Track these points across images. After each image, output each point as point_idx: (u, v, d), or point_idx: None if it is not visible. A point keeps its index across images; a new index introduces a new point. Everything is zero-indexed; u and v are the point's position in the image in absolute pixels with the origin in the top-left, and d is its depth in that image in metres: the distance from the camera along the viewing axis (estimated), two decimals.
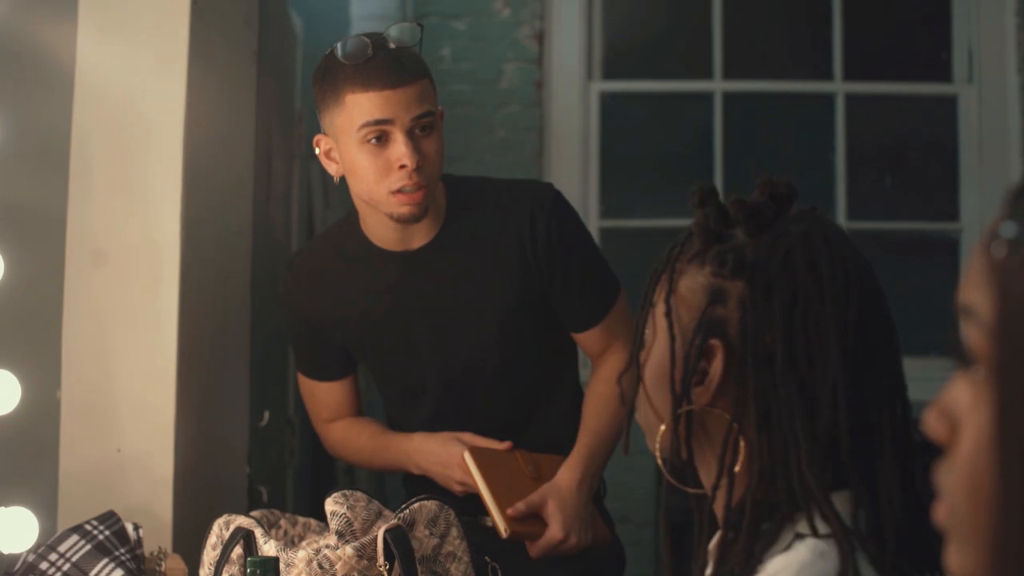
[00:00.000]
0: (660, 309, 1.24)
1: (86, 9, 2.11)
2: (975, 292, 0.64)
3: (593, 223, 4.54)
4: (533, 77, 4.58)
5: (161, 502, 2.10)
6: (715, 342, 1.20)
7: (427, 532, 1.67)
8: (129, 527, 1.91)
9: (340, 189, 3.99)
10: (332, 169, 2.20)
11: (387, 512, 1.63)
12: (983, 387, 0.64)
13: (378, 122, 2.07)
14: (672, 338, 1.22)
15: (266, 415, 2.64)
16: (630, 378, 1.29)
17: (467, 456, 2.09)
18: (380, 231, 2.21)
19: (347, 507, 1.60)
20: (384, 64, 2.10)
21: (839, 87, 4.73)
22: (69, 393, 2.10)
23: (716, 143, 4.68)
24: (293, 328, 2.37)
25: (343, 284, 2.27)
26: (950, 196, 4.67)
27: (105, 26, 2.13)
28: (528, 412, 2.31)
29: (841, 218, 4.65)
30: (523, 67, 4.55)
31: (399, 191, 2.09)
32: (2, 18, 1.87)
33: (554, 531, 2.12)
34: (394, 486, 3.82)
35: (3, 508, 1.77)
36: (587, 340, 2.33)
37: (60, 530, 1.93)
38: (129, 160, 2.12)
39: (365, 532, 1.62)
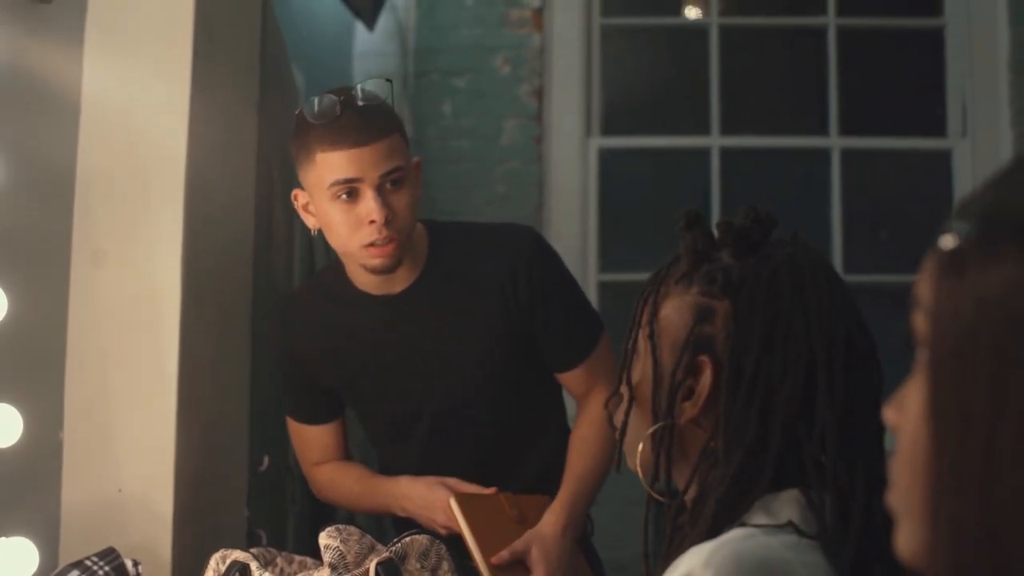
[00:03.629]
0: (644, 331, 1.29)
1: (91, 52, 2.17)
2: (923, 282, 0.69)
3: (592, 277, 4.59)
4: (533, 133, 4.65)
5: (161, 541, 2.13)
6: (703, 358, 1.24)
7: (419, 565, 1.70)
8: (129, 563, 1.94)
9: None
10: (310, 222, 2.25)
11: (380, 546, 1.66)
12: (921, 369, 0.69)
13: (347, 180, 2.12)
14: (655, 359, 1.26)
15: (266, 459, 2.67)
16: (617, 400, 1.33)
17: (453, 503, 2.12)
18: (362, 277, 2.27)
19: (340, 540, 1.63)
20: (352, 122, 2.14)
21: (835, 142, 4.80)
22: (71, 433, 2.13)
23: (713, 197, 4.74)
24: (283, 371, 2.41)
25: (331, 327, 2.32)
26: None
27: (110, 67, 2.18)
28: (515, 451, 2.35)
29: (838, 270, 4.70)
30: (523, 123, 4.62)
31: (371, 244, 2.14)
32: (9, 56, 1.92)
33: None
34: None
35: (4, 538, 1.80)
36: (571, 380, 2.37)
37: (61, 565, 1.96)
38: (132, 203, 2.16)
39: (358, 565, 1.65)
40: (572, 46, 4.74)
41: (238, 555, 1.73)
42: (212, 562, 1.80)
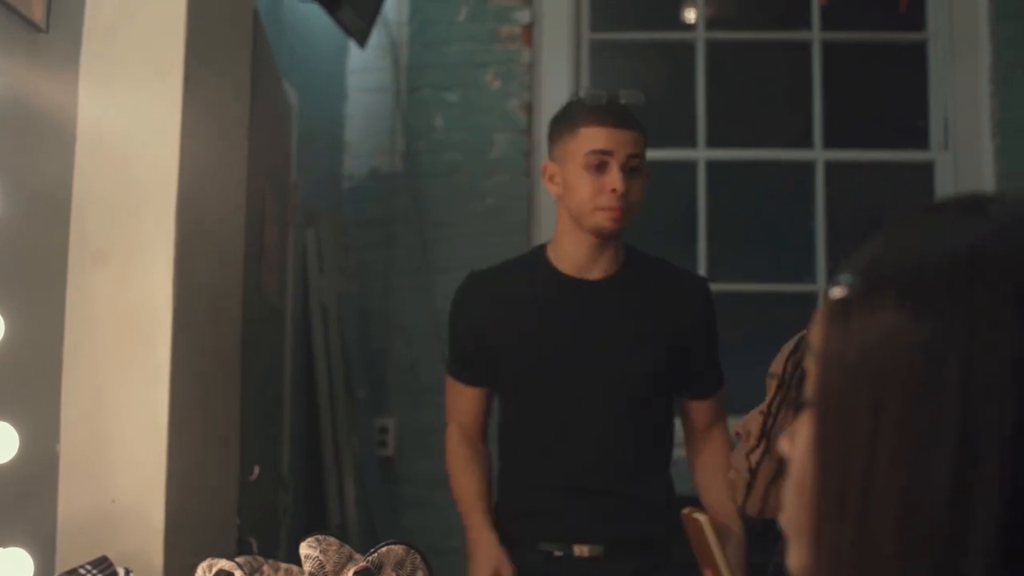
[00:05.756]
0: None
1: (86, 79, 2.26)
2: (815, 330, 0.77)
3: None
4: (522, 147, 4.73)
5: (153, 549, 2.20)
6: None
7: (394, 575, 1.78)
8: (121, 572, 2.02)
9: (333, 256, 4.13)
10: (553, 190, 2.67)
11: (357, 556, 1.74)
12: (809, 406, 0.76)
13: (602, 151, 2.58)
14: None
15: (256, 469, 2.75)
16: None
17: (703, 520, 2.17)
18: (568, 258, 2.66)
19: (320, 551, 1.71)
20: (614, 109, 2.63)
21: (819, 155, 4.88)
22: (67, 446, 2.21)
23: (700, 209, 4.82)
24: (453, 333, 2.80)
25: (514, 295, 2.69)
26: None
27: (105, 93, 2.26)
28: (633, 460, 2.66)
29: (821, 281, 4.78)
30: (513, 137, 4.70)
31: (607, 208, 2.55)
32: (7, 83, 1.99)
33: None
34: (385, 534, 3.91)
35: (1, 549, 1.87)
36: (699, 409, 2.71)
37: (56, 574, 2.04)
38: (125, 224, 2.24)
39: (336, 574, 1.73)
40: (561, 61, 4.82)
41: (224, 564, 1.81)
42: (199, 571, 1.88)
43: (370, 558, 1.71)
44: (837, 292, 0.75)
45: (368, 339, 4.58)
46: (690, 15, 5.07)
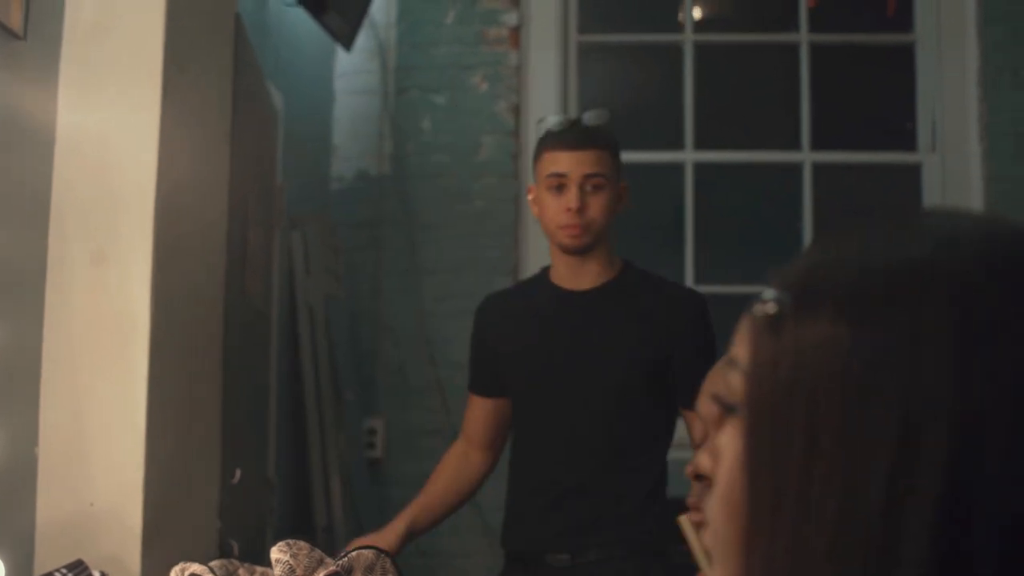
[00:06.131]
0: None
1: (65, 86, 2.27)
2: (740, 346, 0.77)
3: None
4: (510, 149, 4.75)
5: (130, 553, 2.22)
6: None
7: None
8: (96, 575, 2.04)
9: (320, 258, 4.15)
10: (534, 211, 2.87)
11: (328, 560, 1.76)
12: (739, 423, 0.76)
13: (558, 174, 2.75)
14: None
15: (237, 472, 2.77)
16: None
17: (683, 520, 2.24)
18: (560, 272, 2.84)
19: (290, 555, 1.73)
20: (572, 133, 2.78)
21: (807, 156, 4.89)
22: (46, 450, 2.23)
23: (687, 211, 4.84)
24: (471, 347, 2.97)
25: (518, 315, 2.87)
26: None
27: (84, 99, 2.28)
28: (615, 463, 2.74)
29: None
30: (500, 139, 4.72)
31: (565, 226, 2.74)
32: None
33: None
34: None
35: None
36: (692, 418, 2.70)
37: None
38: (104, 229, 2.26)
39: None
40: (549, 63, 4.83)
41: (195, 568, 1.83)
42: (172, 574, 1.89)
43: (340, 562, 1.73)
44: (767, 307, 0.74)
45: (357, 341, 4.60)
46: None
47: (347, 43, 3.92)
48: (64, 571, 2.01)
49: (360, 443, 4.47)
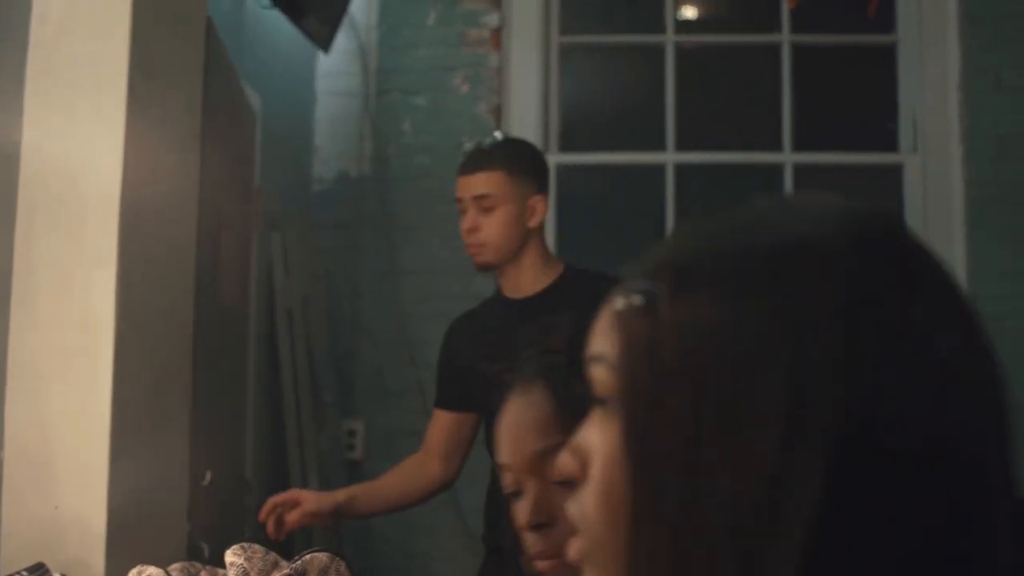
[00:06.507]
0: None
1: (31, 96, 2.29)
2: (602, 341, 0.76)
3: None
4: None
5: (95, 556, 2.23)
6: None
7: None
8: None
9: (300, 260, 4.16)
10: None
11: (283, 563, 1.77)
12: (611, 417, 0.74)
13: (458, 200, 2.96)
14: None
15: (207, 475, 2.78)
16: None
17: None
18: (502, 281, 2.99)
19: (244, 558, 1.74)
20: (468, 157, 2.98)
21: (788, 157, 4.90)
22: (11, 453, 2.25)
23: (668, 212, 4.85)
24: (438, 368, 3.08)
25: (476, 330, 2.98)
26: None
27: (48, 109, 2.29)
28: None
29: None
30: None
31: (467, 246, 2.93)
32: None
33: None
34: (347, 546, 3.94)
35: None
36: None
37: None
38: (68, 236, 2.28)
39: None
40: (530, 64, 4.84)
41: (152, 571, 1.84)
42: None
43: (294, 565, 1.74)
44: (634, 298, 0.74)
45: (336, 342, 4.61)
46: (687, 13, 5.10)
47: (324, 45, 3.94)
48: (25, 574, 2.02)
49: (340, 444, 4.48)
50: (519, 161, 2.96)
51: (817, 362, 0.67)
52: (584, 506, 0.75)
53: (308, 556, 1.77)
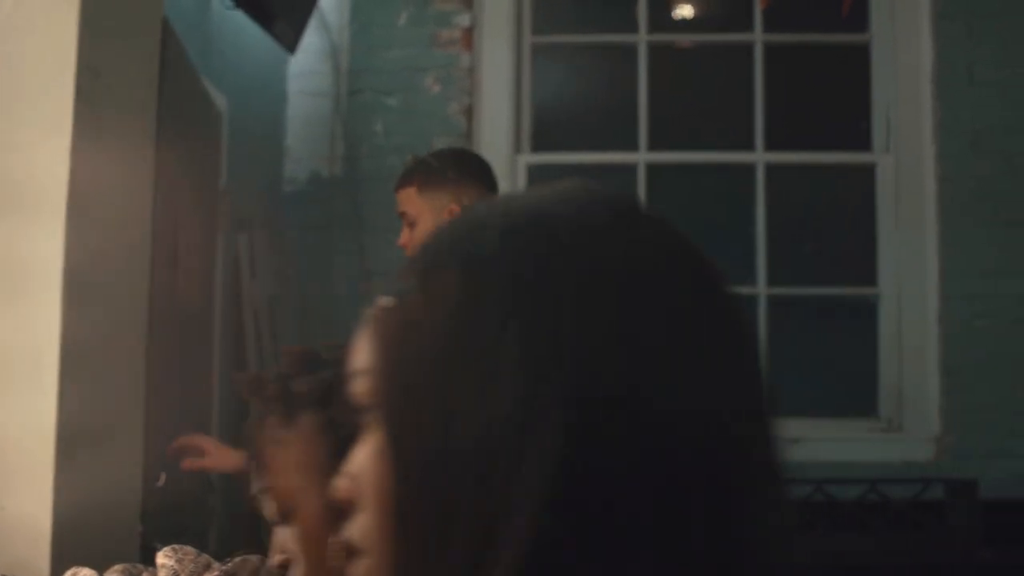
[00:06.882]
0: None
1: None
2: (361, 355, 0.77)
3: None
4: None
5: (40, 558, 2.22)
6: None
7: None
8: None
9: (267, 260, 4.16)
10: None
11: (215, 564, 1.76)
12: (375, 426, 0.75)
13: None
14: None
15: (162, 476, 2.78)
16: None
17: None
18: None
19: (175, 560, 1.73)
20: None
21: (760, 157, 4.90)
22: None
23: None
24: None
25: None
26: (868, 262, 4.82)
27: None
28: None
29: (762, 284, 4.80)
30: (452, 141, 4.71)
31: None
32: None
33: None
34: None
35: None
36: None
37: None
38: (14, 238, 2.27)
39: None
40: (502, 64, 4.84)
41: (86, 572, 1.83)
42: None
43: (225, 567, 1.73)
44: (384, 302, 0.76)
45: (306, 343, 4.59)
46: (683, 11, 5.10)
47: (291, 47, 3.93)
48: None
49: None
50: (430, 175, 3.02)
51: (551, 333, 0.69)
52: (365, 531, 0.75)
53: (239, 559, 1.76)
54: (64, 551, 2.26)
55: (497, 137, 4.80)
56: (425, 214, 2.97)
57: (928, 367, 4.66)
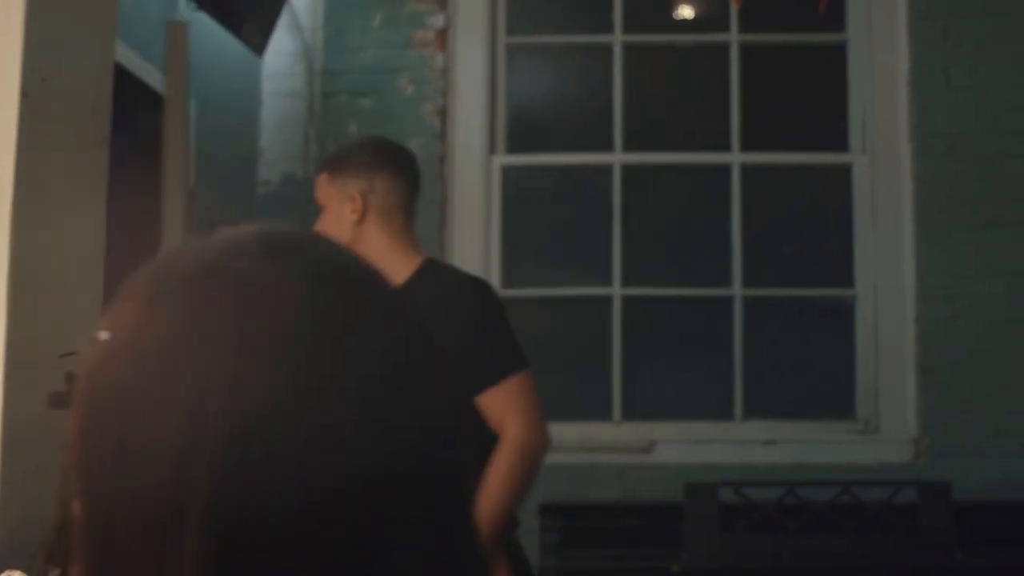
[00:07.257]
0: None
1: None
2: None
3: None
4: (435, 152, 4.73)
5: None
6: None
7: None
8: None
9: None
10: None
11: None
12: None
13: None
14: None
15: None
16: None
17: None
18: None
19: None
20: None
21: (736, 157, 4.88)
22: None
23: (615, 213, 4.83)
24: None
25: None
26: (845, 262, 4.80)
27: None
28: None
29: (738, 285, 4.78)
30: (426, 142, 4.70)
31: None
32: None
33: None
34: None
35: None
36: (485, 401, 2.72)
37: None
38: None
39: None
40: (476, 65, 4.82)
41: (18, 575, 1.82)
42: None
43: None
44: (100, 336, 0.78)
45: None
46: (683, 12, 5.08)
47: (259, 49, 3.92)
48: None
49: None
50: (341, 161, 2.98)
51: (211, 369, 0.71)
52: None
53: (6, 573, 1.77)
54: (11, 565, 2.25)
55: (472, 138, 4.79)
56: (332, 201, 2.96)
57: (905, 368, 4.64)
